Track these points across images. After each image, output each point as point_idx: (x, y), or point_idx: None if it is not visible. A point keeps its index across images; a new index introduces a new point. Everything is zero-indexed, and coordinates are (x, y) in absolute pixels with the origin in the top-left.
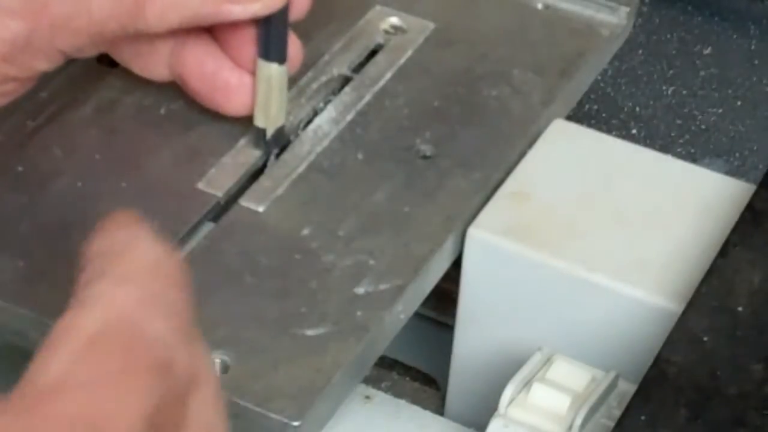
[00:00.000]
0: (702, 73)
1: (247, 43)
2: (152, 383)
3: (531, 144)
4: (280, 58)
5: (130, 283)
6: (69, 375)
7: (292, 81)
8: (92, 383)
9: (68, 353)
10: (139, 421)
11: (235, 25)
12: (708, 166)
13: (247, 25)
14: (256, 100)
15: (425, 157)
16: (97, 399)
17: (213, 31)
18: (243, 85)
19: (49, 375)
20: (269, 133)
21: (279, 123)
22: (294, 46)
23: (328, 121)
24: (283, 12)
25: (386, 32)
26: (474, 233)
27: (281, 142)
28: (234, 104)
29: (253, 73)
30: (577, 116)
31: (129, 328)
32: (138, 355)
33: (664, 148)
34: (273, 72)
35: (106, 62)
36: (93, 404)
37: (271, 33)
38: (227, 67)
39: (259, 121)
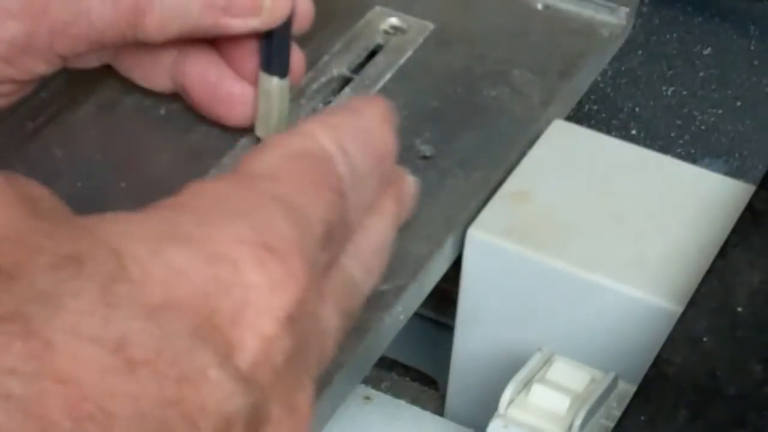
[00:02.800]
0: (702, 73)
1: (249, 55)
2: (334, 201)
3: (531, 144)
4: (282, 72)
5: (336, 129)
6: (278, 170)
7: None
8: (296, 180)
9: (277, 157)
10: (321, 224)
11: (237, 37)
12: (708, 166)
13: (249, 37)
14: (257, 112)
15: (425, 158)
16: (299, 191)
17: (216, 43)
18: (245, 96)
19: (262, 166)
20: None
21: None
22: (297, 58)
23: None
24: (286, 26)
25: (386, 33)
26: (474, 233)
27: None
28: (236, 115)
29: (255, 84)
30: (577, 116)
31: (322, 156)
32: (327, 176)
33: (664, 149)
34: (274, 85)
35: None
36: (295, 193)
37: (272, 47)
38: (230, 78)
39: (259, 132)
